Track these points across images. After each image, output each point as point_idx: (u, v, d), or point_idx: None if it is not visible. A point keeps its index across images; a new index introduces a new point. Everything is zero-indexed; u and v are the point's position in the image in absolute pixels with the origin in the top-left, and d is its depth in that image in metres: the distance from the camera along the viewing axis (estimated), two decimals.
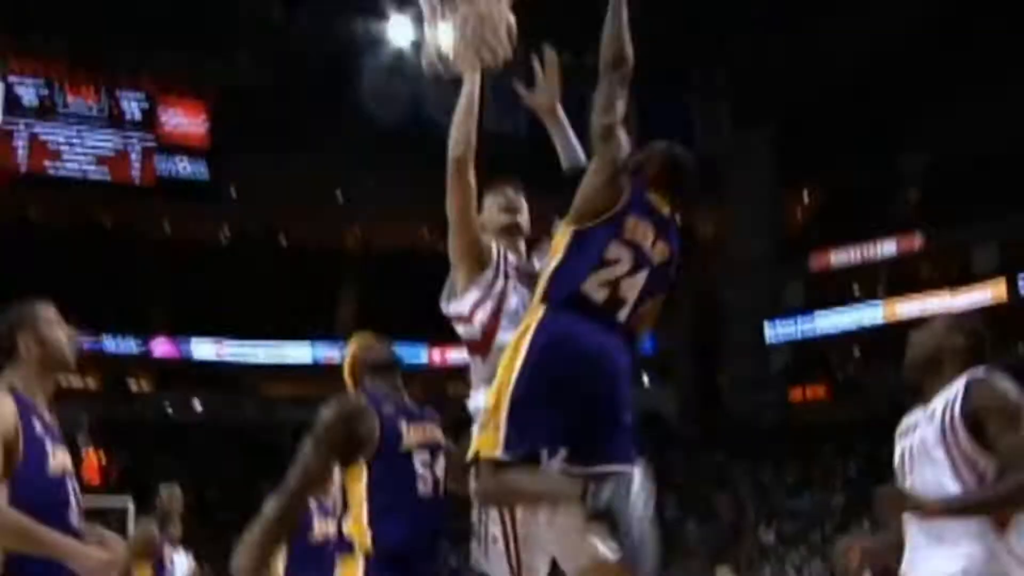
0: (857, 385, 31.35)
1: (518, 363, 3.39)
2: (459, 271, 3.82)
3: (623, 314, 3.56)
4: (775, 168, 33.94)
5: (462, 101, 3.79)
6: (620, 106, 3.65)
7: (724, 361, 35.15)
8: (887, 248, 32.05)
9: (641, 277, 3.58)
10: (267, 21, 28.20)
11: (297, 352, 33.35)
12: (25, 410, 3.28)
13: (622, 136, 3.65)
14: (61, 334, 3.47)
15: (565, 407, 3.33)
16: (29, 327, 3.42)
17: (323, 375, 28.30)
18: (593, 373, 3.42)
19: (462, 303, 3.78)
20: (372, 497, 3.65)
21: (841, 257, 32.84)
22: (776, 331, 33.67)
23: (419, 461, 3.73)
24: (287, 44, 28.66)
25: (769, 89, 30.99)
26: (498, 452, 3.33)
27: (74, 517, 3.36)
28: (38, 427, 3.30)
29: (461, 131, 3.76)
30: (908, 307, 30.02)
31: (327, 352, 31.75)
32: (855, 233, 32.25)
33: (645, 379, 35.64)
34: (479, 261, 3.78)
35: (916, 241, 31.53)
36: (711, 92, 33.41)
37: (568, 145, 4.05)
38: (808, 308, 33.33)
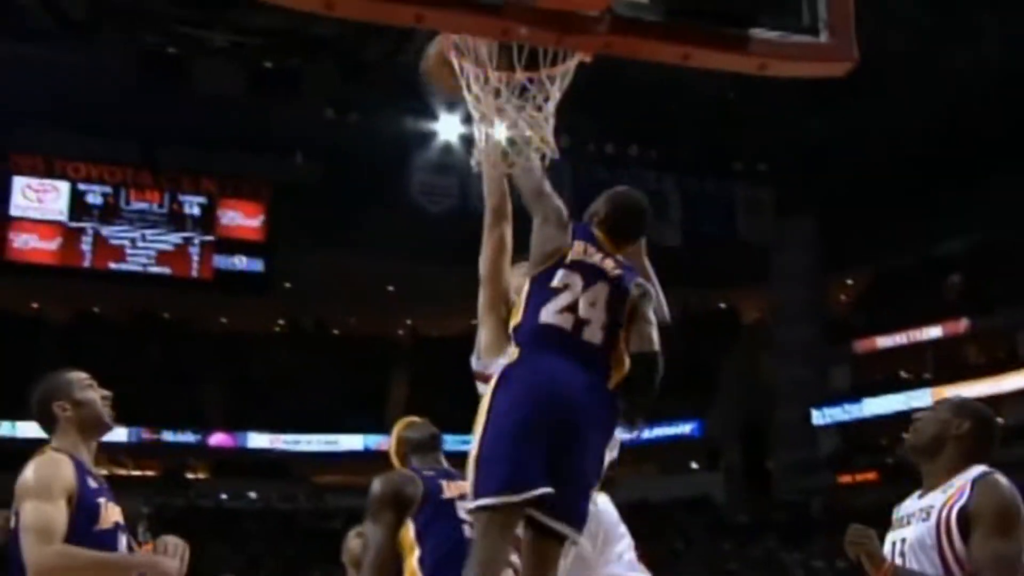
0: (908, 468, 30.99)
1: (482, 417, 3.48)
2: (484, 326, 3.96)
3: (593, 334, 3.58)
4: (819, 253, 34.18)
5: (484, 160, 4.03)
6: (537, 165, 3.76)
7: (772, 446, 35.01)
8: (932, 332, 32.08)
9: (599, 291, 3.61)
10: (319, 121, 28.99)
11: (348, 441, 33.78)
12: (79, 468, 3.43)
13: (552, 191, 3.81)
14: (94, 394, 3.58)
15: (524, 450, 3.38)
16: (63, 394, 3.55)
17: (374, 462, 28.60)
18: (550, 409, 3.43)
19: (495, 365, 3.83)
20: (421, 542, 4.02)
21: (886, 341, 32.86)
22: (824, 415, 33.65)
23: (462, 509, 3.98)
24: (338, 143, 29.41)
25: (811, 176, 31.25)
26: (471, 503, 3.42)
27: None
28: (91, 483, 3.45)
29: (492, 185, 4.03)
30: (957, 391, 29.83)
31: (378, 440, 32.07)
32: (900, 317, 32.29)
33: (694, 464, 35.59)
34: (504, 319, 3.87)
35: (961, 325, 31.56)
36: (754, 180, 33.65)
37: None
38: (855, 392, 33.26)
